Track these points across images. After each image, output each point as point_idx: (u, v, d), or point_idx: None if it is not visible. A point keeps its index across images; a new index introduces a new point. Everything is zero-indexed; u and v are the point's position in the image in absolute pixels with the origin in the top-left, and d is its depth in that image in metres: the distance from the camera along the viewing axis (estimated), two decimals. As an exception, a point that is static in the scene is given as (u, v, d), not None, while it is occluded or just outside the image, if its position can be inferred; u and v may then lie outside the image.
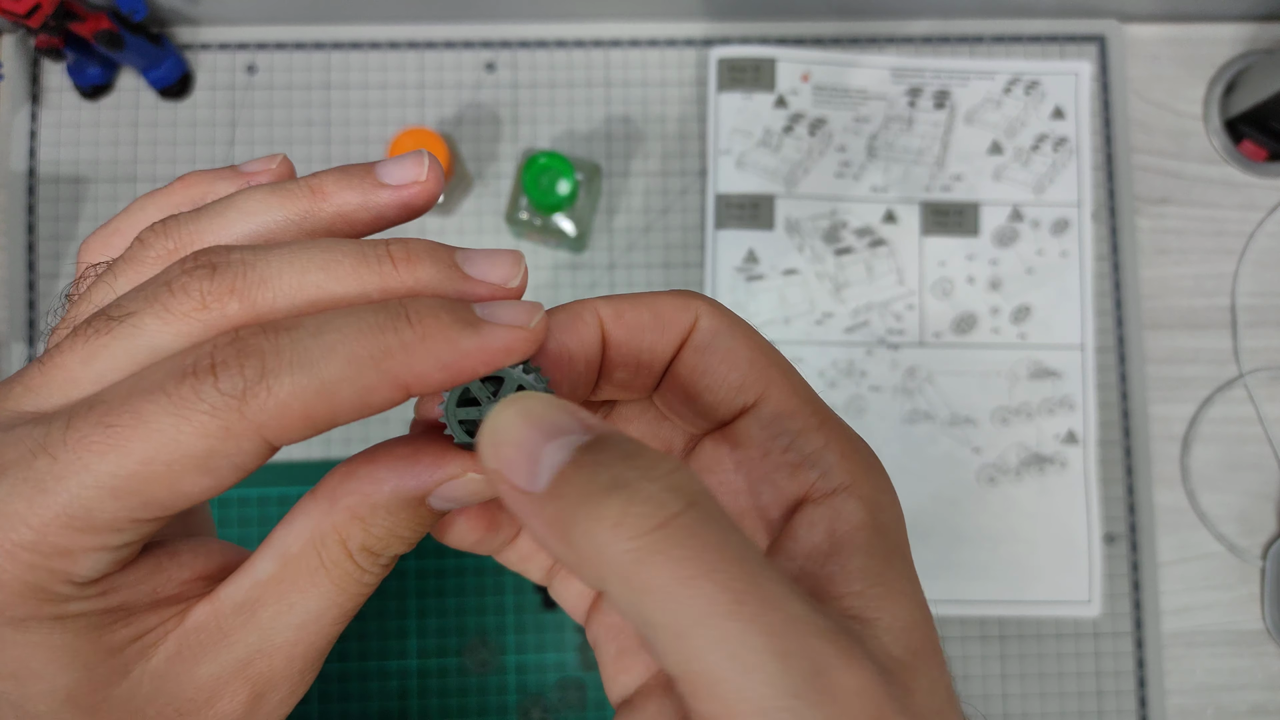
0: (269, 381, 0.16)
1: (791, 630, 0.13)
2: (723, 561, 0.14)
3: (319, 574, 0.18)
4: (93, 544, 0.16)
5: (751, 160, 0.57)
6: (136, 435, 0.15)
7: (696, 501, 0.14)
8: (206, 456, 0.16)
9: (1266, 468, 0.58)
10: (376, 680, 0.53)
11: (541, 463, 0.15)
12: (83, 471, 0.15)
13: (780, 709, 0.13)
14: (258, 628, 0.18)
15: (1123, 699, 0.55)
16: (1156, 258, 0.59)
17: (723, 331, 0.20)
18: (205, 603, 0.18)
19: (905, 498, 0.56)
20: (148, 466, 0.15)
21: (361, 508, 0.18)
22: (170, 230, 0.18)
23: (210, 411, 0.15)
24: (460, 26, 0.58)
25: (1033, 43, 0.59)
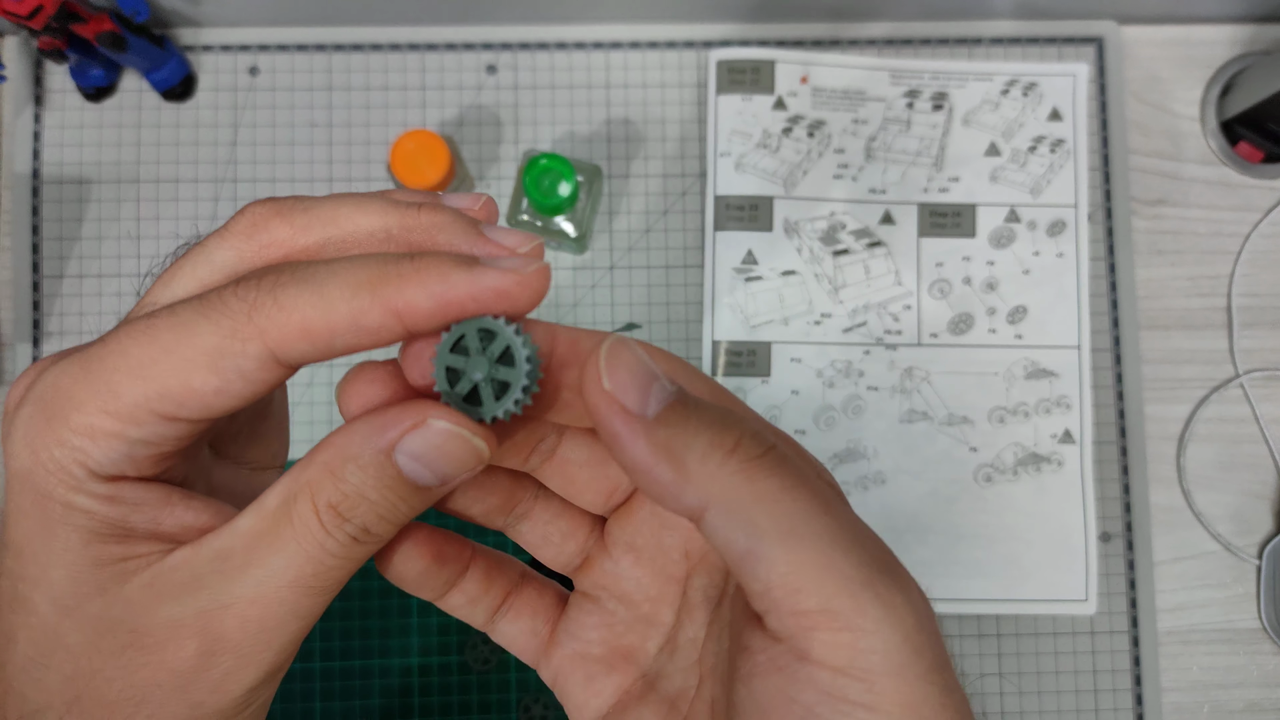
0: (277, 293, 0.18)
1: (862, 531, 0.17)
2: (807, 481, 0.17)
3: (286, 531, 0.18)
4: (114, 428, 0.18)
5: (750, 162, 0.57)
6: (167, 327, 0.18)
7: (777, 441, 0.18)
8: (216, 354, 0.18)
9: (1262, 467, 0.58)
10: (378, 678, 0.54)
11: (653, 393, 0.17)
12: (120, 354, 0.18)
13: (861, 579, 0.16)
14: (223, 578, 0.18)
15: (1119, 696, 0.56)
16: (1153, 258, 0.59)
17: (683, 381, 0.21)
18: (189, 546, 0.19)
19: (902, 497, 0.56)
20: (169, 356, 0.18)
21: (334, 460, 0.18)
22: (290, 212, 0.20)
23: (225, 312, 0.18)
24: (461, 29, 0.59)
25: (1030, 45, 0.60)
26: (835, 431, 0.56)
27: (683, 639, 0.22)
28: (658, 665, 0.22)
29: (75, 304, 0.57)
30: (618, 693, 0.22)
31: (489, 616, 0.23)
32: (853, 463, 0.56)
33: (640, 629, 0.22)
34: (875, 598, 0.16)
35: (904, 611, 0.16)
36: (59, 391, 0.18)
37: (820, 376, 0.56)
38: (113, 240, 0.57)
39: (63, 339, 0.56)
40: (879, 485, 0.56)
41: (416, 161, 0.50)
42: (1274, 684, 0.57)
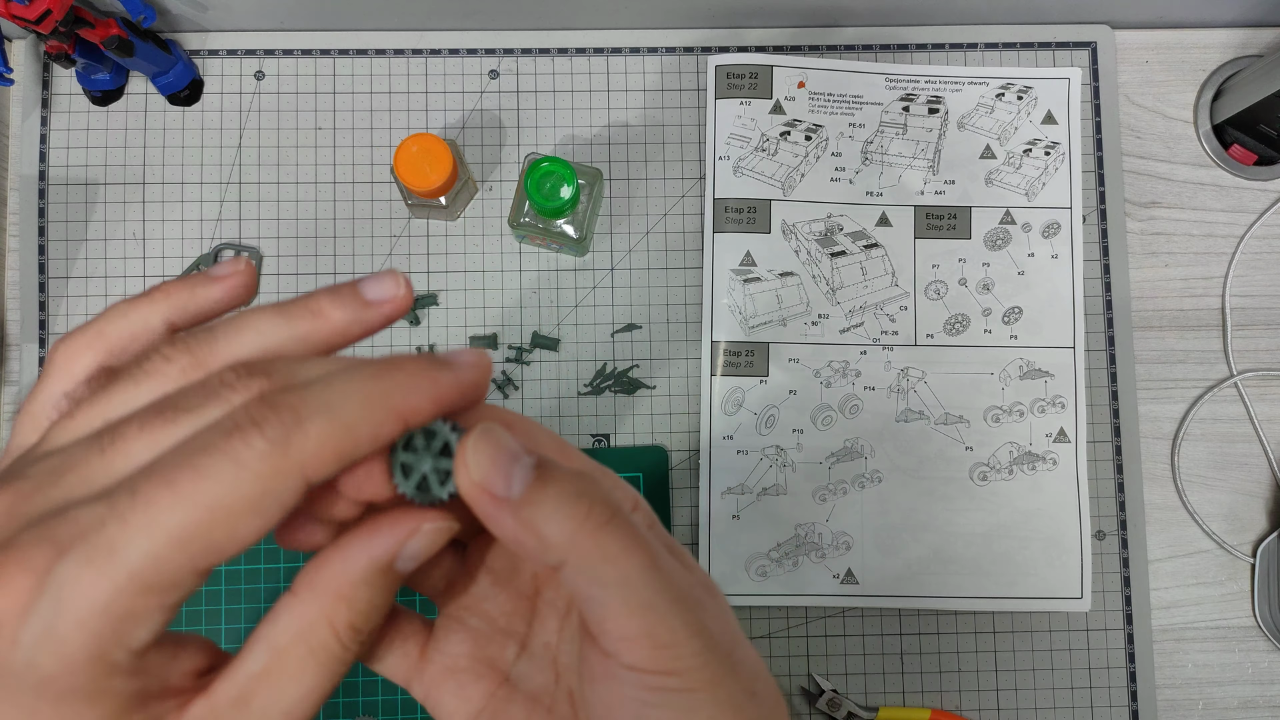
0: (305, 426, 0.18)
1: (677, 575, 0.22)
2: (639, 540, 0.21)
3: (307, 661, 0.20)
4: (157, 602, 0.18)
5: (749, 165, 0.58)
6: (198, 487, 0.18)
7: (620, 507, 0.21)
8: (260, 497, 0.18)
9: (1256, 466, 0.59)
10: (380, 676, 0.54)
11: (514, 477, 0.20)
12: (152, 526, 0.17)
13: (678, 607, 0.21)
14: (250, 717, 0.19)
15: (1114, 694, 0.56)
16: (1146, 260, 0.60)
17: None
18: (203, 699, 0.19)
19: (898, 495, 0.57)
20: (211, 513, 0.18)
21: (344, 587, 0.20)
22: (192, 347, 0.21)
23: (261, 459, 0.18)
24: (465, 34, 0.59)
25: (1025, 49, 0.60)
26: (832, 431, 0.57)
27: (536, 644, 0.26)
28: (517, 669, 0.25)
29: (81, 305, 0.57)
30: (485, 697, 0.25)
31: (369, 650, 0.26)
32: (850, 461, 0.57)
33: (500, 639, 0.26)
34: (683, 623, 0.21)
35: (704, 626, 0.21)
36: (87, 588, 0.17)
37: (817, 376, 0.57)
38: (118, 242, 0.58)
39: (69, 340, 0.57)
40: (875, 484, 0.57)
41: (420, 165, 0.51)
42: (1267, 681, 0.57)
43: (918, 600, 0.56)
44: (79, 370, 0.22)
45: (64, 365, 0.22)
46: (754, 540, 0.56)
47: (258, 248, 0.58)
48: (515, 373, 0.57)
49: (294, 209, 0.58)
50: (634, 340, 0.58)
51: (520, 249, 0.58)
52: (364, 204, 0.58)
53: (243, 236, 0.58)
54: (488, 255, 0.58)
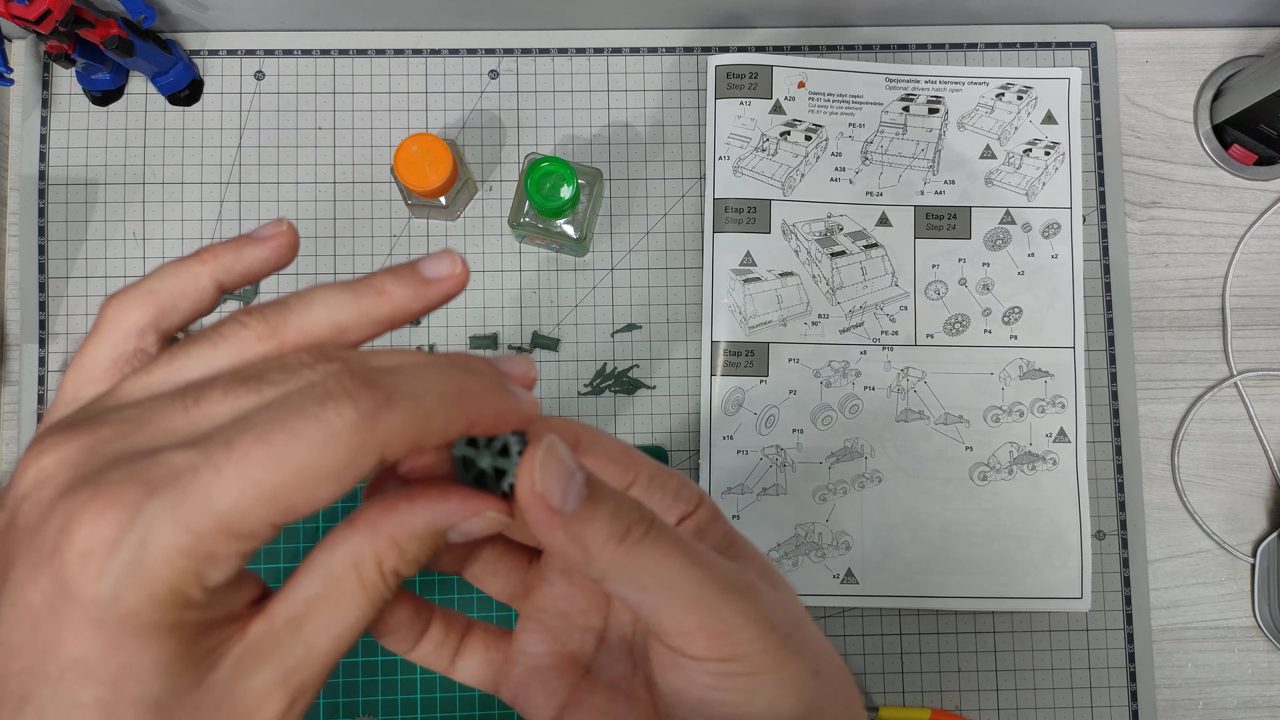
0: (393, 407, 0.19)
1: (719, 566, 0.23)
2: (677, 544, 0.23)
3: (359, 592, 0.21)
4: (236, 549, 0.19)
5: (749, 165, 0.58)
6: (291, 447, 0.18)
7: (654, 516, 0.23)
8: (343, 466, 0.19)
9: (1256, 466, 0.59)
10: (382, 673, 0.54)
11: (570, 492, 0.22)
12: (243, 478, 0.18)
13: (724, 597, 0.22)
14: (303, 639, 0.20)
15: (1114, 694, 0.56)
16: (1146, 260, 0.60)
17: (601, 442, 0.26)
18: (262, 618, 0.20)
19: (898, 495, 0.57)
20: (299, 475, 0.18)
21: (400, 535, 0.21)
22: (268, 316, 0.22)
23: (350, 429, 0.19)
24: (464, 34, 0.59)
25: (1025, 49, 0.60)
26: (832, 431, 0.57)
27: (612, 636, 0.28)
28: (597, 660, 0.27)
29: (81, 305, 0.57)
30: (569, 689, 0.27)
31: (450, 660, 0.27)
32: (849, 461, 0.57)
33: (578, 635, 0.28)
34: (734, 611, 0.22)
35: (758, 612, 0.23)
36: (178, 526, 0.18)
37: (817, 376, 0.57)
38: (118, 242, 0.58)
39: (68, 339, 0.57)
40: (875, 484, 0.57)
41: (420, 165, 0.51)
42: (1267, 681, 0.57)
43: (918, 600, 0.56)
44: (129, 325, 0.22)
45: (115, 320, 0.23)
46: (754, 540, 0.55)
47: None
48: (515, 373, 0.57)
49: (294, 209, 0.58)
50: (634, 340, 0.58)
51: (520, 249, 0.58)
52: (364, 204, 0.58)
53: (243, 236, 0.58)
54: (488, 255, 0.58)
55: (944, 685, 0.56)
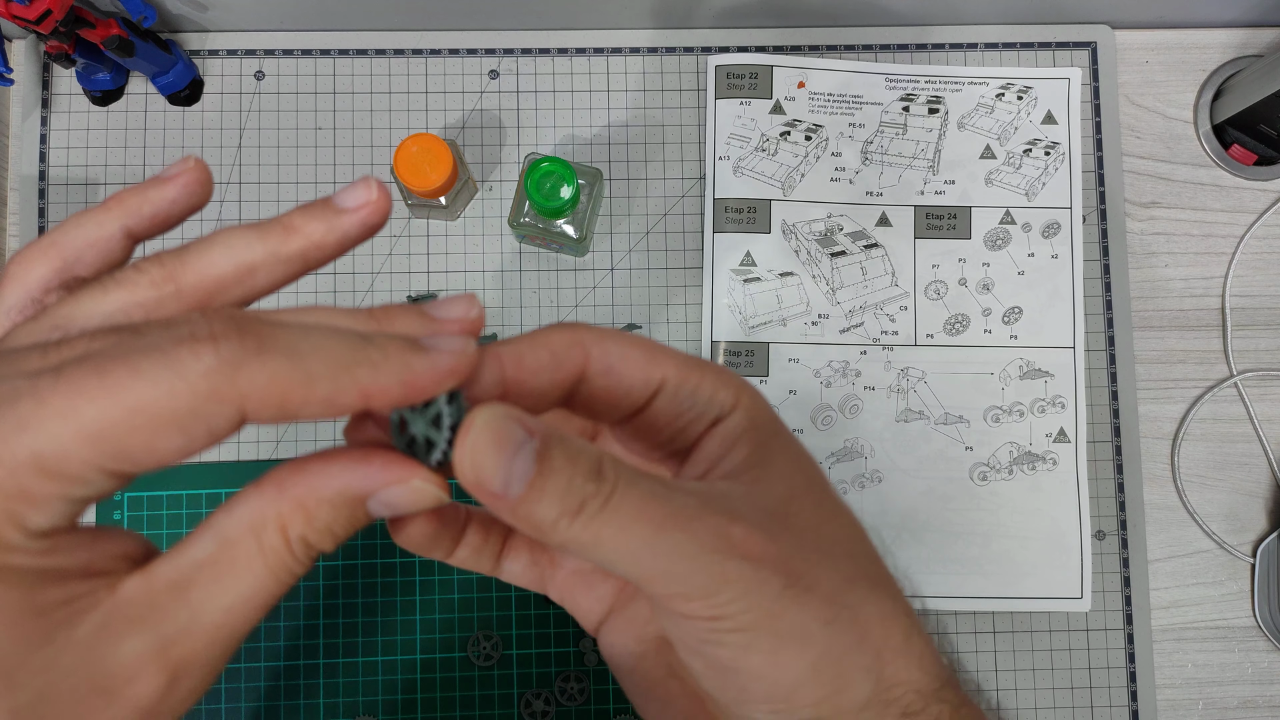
0: (264, 358, 0.17)
1: (695, 523, 0.21)
2: (643, 507, 0.20)
3: (255, 559, 0.19)
4: (57, 491, 0.17)
5: (749, 165, 0.58)
6: (129, 385, 0.16)
7: (618, 480, 0.20)
8: (189, 415, 0.17)
9: (1256, 466, 0.59)
10: (381, 674, 0.54)
11: (514, 473, 0.19)
12: (69, 414, 0.16)
13: (698, 561, 0.20)
14: (188, 606, 0.18)
15: (1114, 694, 0.56)
16: (1146, 260, 0.60)
17: (613, 350, 0.23)
18: (138, 576, 0.18)
19: (898, 495, 0.57)
20: (132, 416, 0.16)
21: (309, 499, 0.19)
22: (165, 261, 0.20)
23: (204, 374, 0.17)
24: (464, 34, 0.59)
25: (1025, 49, 0.60)
26: (832, 431, 0.57)
27: None
28: None
29: (82, 305, 0.57)
30: (614, 594, 0.27)
31: (494, 562, 0.26)
32: (850, 461, 0.57)
33: None
34: (710, 575, 0.21)
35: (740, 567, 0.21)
36: None
37: (817, 376, 0.57)
38: (119, 242, 0.58)
39: (69, 340, 0.57)
40: (875, 484, 0.57)
41: (420, 165, 0.51)
42: (1267, 681, 0.57)
43: (917, 600, 0.56)
44: (33, 280, 0.21)
45: (18, 275, 0.21)
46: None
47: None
48: (515, 373, 0.57)
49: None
50: (634, 340, 0.58)
51: (520, 249, 0.58)
52: (364, 204, 0.58)
53: (243, 236, 0.58)
54: (488, 255, 0.58)
55: (944, 685, 0.56)
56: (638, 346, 0.23)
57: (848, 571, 0.23)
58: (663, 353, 0.23)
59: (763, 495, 0.23)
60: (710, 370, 0.24)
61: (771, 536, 0.22)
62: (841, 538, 0.24)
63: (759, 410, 0.24)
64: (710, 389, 0.24)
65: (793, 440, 0.25)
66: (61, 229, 0.22)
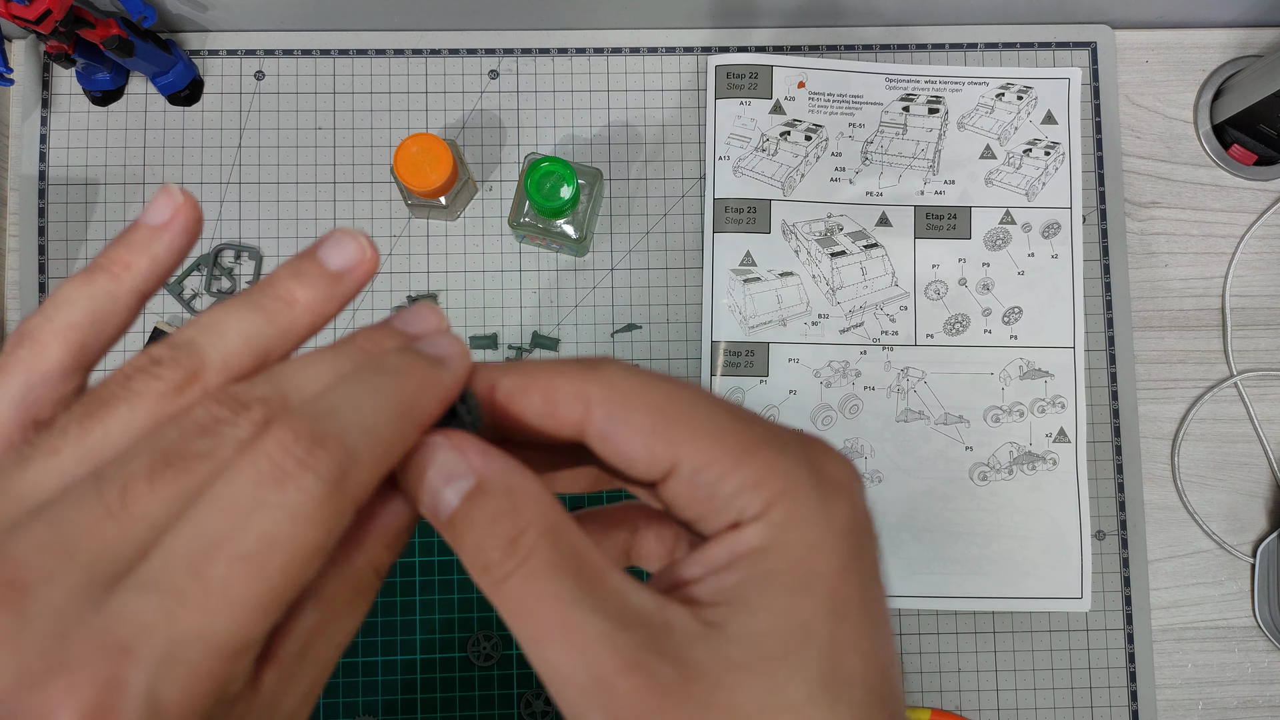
0: (356, 459, 0.17)
1: (581, 650, 0.18)
2: (538, 605, 0.18)
3: (354, 603, 0.19)
4: (248, 658, 0.17)
5: (749, 165, 0.58)
6: (267, 551, 0.16)
7: (527, 561, 0.18)
8: (324, 540, 0.17)
9: (1256, 466, 0.59)
10: (380, 674, 0.54)
11: (441, 500, 0.19)
12: (232, 604, 0.16)
13: (566, 693, 0.18)
14: (313, 662, 0.19)
15: (1114, 694, 0.56)
16: (1146, 260, 0.60)
17: (617, 416, 0.19)
18: (270, 667, 0.18)
19: (898, 495, 0.57)
20: (284, 573, 0.16)
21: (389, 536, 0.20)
22: (181, 359, 0.19)
23: (319, 503, 0.16)
24: (465, 34, 0.59)
25: (1025, 49, 0.60)
26: (833, 431, 0.57)
27: None
28: None
29: (82, 305, 0.57)
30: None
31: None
32: (850, 462, 0.57)
33: None
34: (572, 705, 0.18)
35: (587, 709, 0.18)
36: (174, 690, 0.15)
37: (817, 376, 0.57)
38: (119, 242, 0.58)
39: (69, 340, 0.57)
40: (875, 484, 0.57)
41: (420, 165, 0.51)
42: (1267, 681, 0.57)
43: (918, 600, 0.56)
44: (49, 368, 0.20)
45: (30, 362, 0.19)
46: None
47: (258, 247, 0.58)
48: (515, 373, 0.57)
49: (294, 209, 0.58)
50: (634, 340, 0.58)
51: (520, 249, 0.58)
52: (364, 204, 0.58)
53: (243, 236, 0.58)
54: (488, 255, 0.58)
55: (944, 685, 0.56)
56: (651, 415, 0.19)
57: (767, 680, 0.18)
58: (684, 426, 0.19)
59: (707, 647, 0.18)
60: (750, 458, 0.19)
61: (662, 708, 0.17)
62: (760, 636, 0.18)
63: (790, 530, 0.19)
64: (735, 486, 0.19)
65: (818, 587, 0.19)
66: (72, 304, 0.20)
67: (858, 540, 0.20)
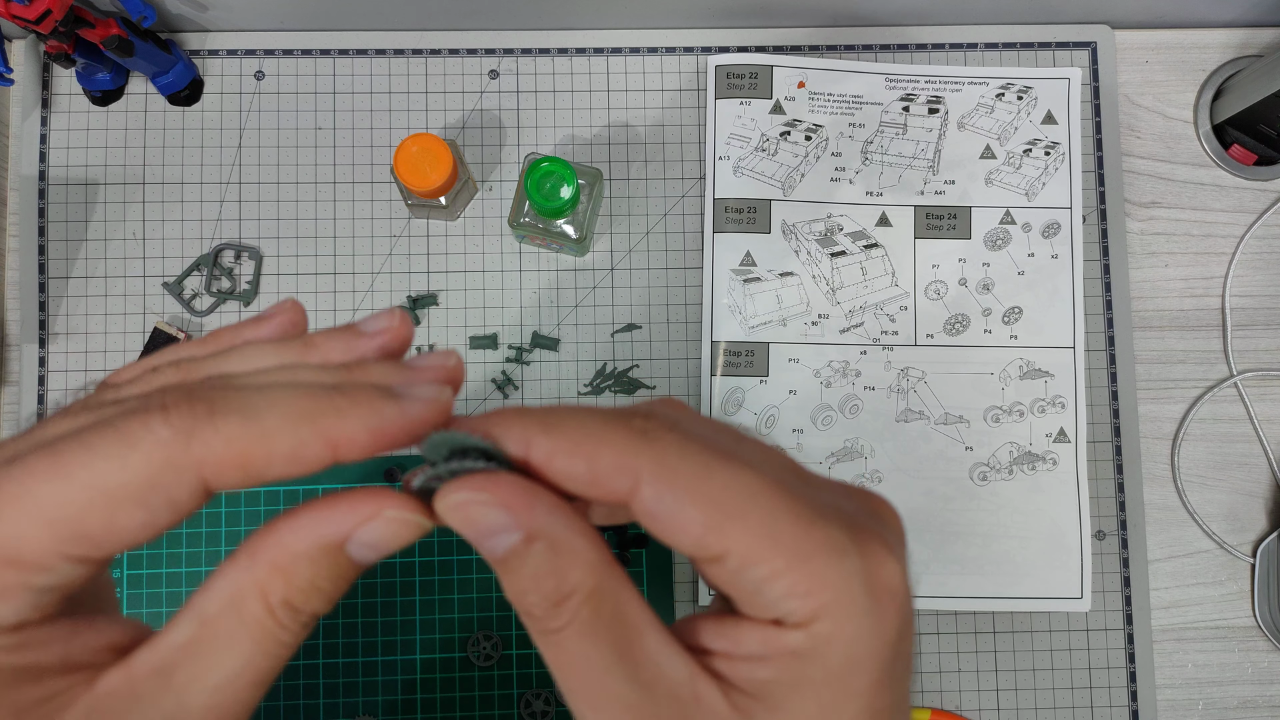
0: (216, 421, 0.17)
1: (619, 717, 0.18)
2: (579, 669, 0.18)
3: (238, 633, 0.18)
4: (18, 581, 0.16)
5: (749, 165, 0.58)
6: (80, 462, 0.16)
7: (571, 623, 0.18)
8: (146, 488, 0.17)
9: (1256, 466, 0.59)
10: (380, 674, 0.54)
11: (487, 546, 0.18)
12: (22, 497, 0.16)
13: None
14: (172, 692, 0.17)
15: (1114, 694, 0.56)
16: (1146, 260, 0.60)
17: (667, 502, 0.18)
18: (118, 668, 0.18)
19: (899, 495, 0.57)
20: (87, 493, 0.16)
21: (282, 558, 0.18)
22: (182, 365, 0.20)
23: (157, 444, 0.16)
24: (464, 34, 0.59)
25: (1025, 49, 0.60)
26: (832, 431, 0.57)
27: None
28: None
29: (81, 305, 0.57)
30: None
31: None
32: (850, 461, 0.57)
33: None
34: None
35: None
36: None
37: (817, 377, 0.57)
38: (119, 242, 0.58)
39: (68, 339, 0.57)
40: (875, 484, 0.57)
41: (420, 164, 0.51)
42: (1268, 681, 0.57)
43: (918, 600, 0.56)
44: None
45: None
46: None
47: (258, 247, 0.58)
48: (515, 373, 0.57)
49: (294, 209, 0.58)
50: (634, 340, 0.58)
51: (520, 249, 0.58)
52: (364, 204, 0.58)
53: (243, 236, 0.58)
54: (488, 255, 0.58)
55: (944, 685, 0.56)
56: (704, 509, 0.18)
57: None
58: (739, 520, 0.18)
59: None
60: (802, 564, 0.18)
61: None
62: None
63: (833, 644, 0.18)
64: (784, 590, 0.18)
65: (852, 700, 0.19)
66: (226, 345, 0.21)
67: (898, 646, 0.19)
